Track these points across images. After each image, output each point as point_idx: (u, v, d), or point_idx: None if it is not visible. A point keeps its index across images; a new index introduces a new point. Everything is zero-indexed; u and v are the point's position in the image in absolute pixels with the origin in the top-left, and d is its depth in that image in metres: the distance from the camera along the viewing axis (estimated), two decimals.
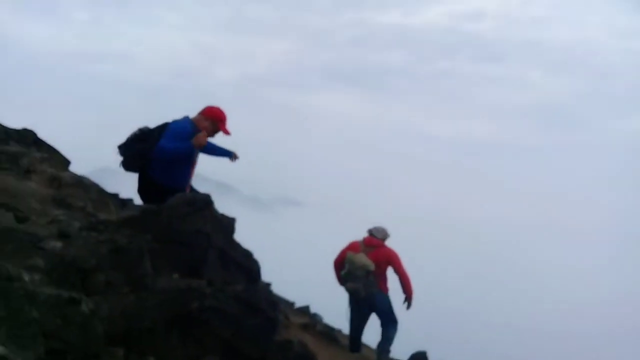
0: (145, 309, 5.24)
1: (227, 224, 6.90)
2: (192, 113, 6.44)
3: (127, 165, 6.28)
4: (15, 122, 13.02)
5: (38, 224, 6.52)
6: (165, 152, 5.93)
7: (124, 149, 6.21)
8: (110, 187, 13.26)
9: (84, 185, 10.81)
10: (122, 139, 6.37)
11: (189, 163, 6.44)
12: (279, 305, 6.93)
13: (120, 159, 6.33)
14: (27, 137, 12.91)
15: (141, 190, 6.45)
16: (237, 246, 7.04)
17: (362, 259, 7.67)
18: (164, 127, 6.20)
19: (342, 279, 8.03)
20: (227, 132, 6.44)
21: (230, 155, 6.56)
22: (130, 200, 12.76)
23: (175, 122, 6.21)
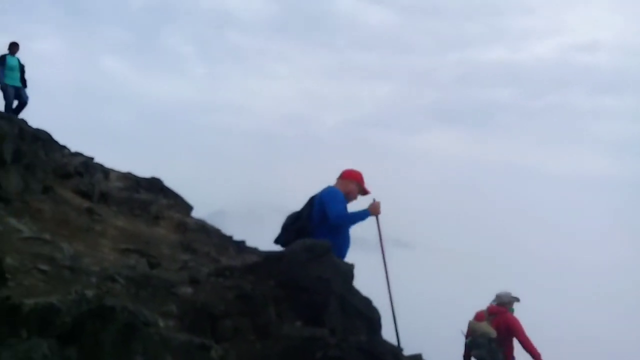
0: (271, 357, 5.25)
1: (346, 270, 6.84)
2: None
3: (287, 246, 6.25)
4: (143, 171, 14.02)
5: (169, 269, 6.86)
6: (343, 218, 5.83)
7: (283, 239, 6.22)
8: (225, 229, 13.81)
9: (206, 230, 11.34)
10: (277, 229, 6.31)
11: (347, 230, 6.30)
12: (403, 356, 6.69)
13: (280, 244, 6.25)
14: (155, 185, 13.83)
15: None
16: (356, 293, 6.94)
17: (484, 326, 7.73)
18: (310, 202, 6.17)
19: (467, 347, 7.97)
20: (367, 192, 6.35)
21: (368, 214, 6.25)
22: (243, 242, 13.19)
23: (324, 191, 6.08)
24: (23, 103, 12.69)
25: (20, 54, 13.08)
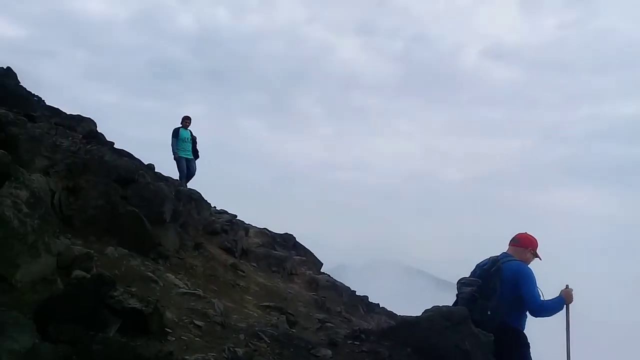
0: None
1: (486, 342, 6.63)
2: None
3: (482, 324, 5.94)
4: (276, 226, 14.72)
5: (307, 328, 7.09)
6: (544, 310, 5.75)
7: (484, 312, 5.91)
8: (351, 283, 14.01)
9: (337, 288, 11.57)
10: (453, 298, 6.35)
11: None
12: None
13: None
14: (288, 241, 14.42)
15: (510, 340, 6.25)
16: None
17: None
18: (497, 273, 5.87)
19: None
20: (540, 258, 6.27)
21: (563, 303, 6.10)
22: (366, 297, 13.21)
23: (514, 265, 5.98)
24: (191, 174, 13.67)
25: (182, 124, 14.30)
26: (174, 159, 13.46)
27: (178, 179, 13.18)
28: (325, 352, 5.87)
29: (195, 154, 14.00)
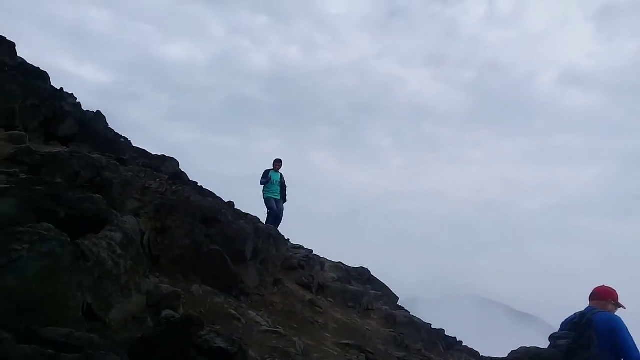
0: None
1: None
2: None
3: None
4: (350, 260, 14.69)
5: None
6: None
7: None
8: (421, 316, 13.70)
9: (414, 324, 11.35)
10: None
11: None
12: None
13: None
14: (363, 275, 14.36)
15: None
16: None
17: None
18: (588, 324, 5.76)
19: None
20: (623, 307, 6.22)
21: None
22: (454, 339, 12.82)
23: (607, 316, 6.01)
24: (279, 216, 13.30)
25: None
26: (264, 200, 13.41)
27: (266, 221, 13.24)
28: None
29: (284, 197, 13.80)
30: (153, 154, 11.85)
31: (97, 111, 12.33)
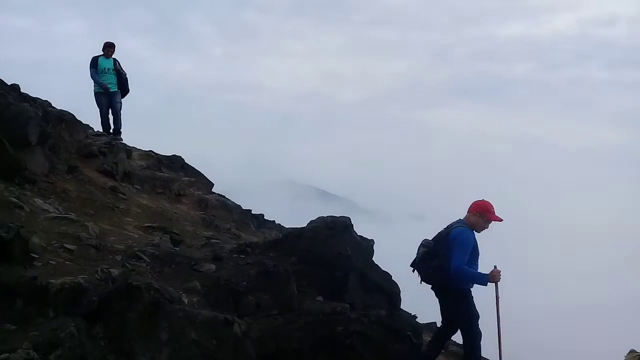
0: (293, 331, 5.36)
1: (367, 247, 6.90)
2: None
3: (427, 281, 6.30)
4: (165, 150, 14.14)
5: (192, 246, 6.98)
6: (462, 275, 5.99)
7: (419, 268, 6.27)
8: (245, 203, 13.97)
9: (227, 206, 11.44)
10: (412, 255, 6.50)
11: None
12: (422, 330, 6.77)
13: (418, 276, 6.32)
14: (176, 163, 13.95)
15: (438, 292, 6.40)
16: (376, 269, 7.01)
17: (627, 357, 8.19)
18: (445, 237, 6.19)
19: None
20: (498, 219, 6.56)
21: (487, 280, 6.52)
22: (262, 215, 13.30)
23: (456, 231, 6.17)
24: (115, 111, 11.89)
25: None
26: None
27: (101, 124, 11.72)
28: (209, 267, 5.83)
29: (124, 89, 11.98)
30: None
31: None
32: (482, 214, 6.35)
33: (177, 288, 5.21)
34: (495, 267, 6.18)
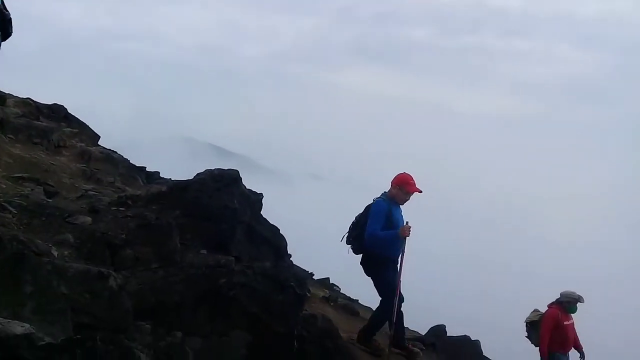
0: (174, 285, 5.23)
1: (255, 200, 6.85)
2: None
3: (355, 250, 6.70)
4: (48, 98, 13.12)
5: (68, 198, 6.56)
6: (374, 238, 6.40)
7: (347, 241, 6.69)
8: (137, 160, 13.36)
9: (112, 160, 10.87)
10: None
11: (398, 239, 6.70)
12: (307, 281, 6.87)
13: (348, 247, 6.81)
14: (58, 113, 13.00)
15: (363, 263, 6.81)
16: (264, 222, 7.00)
17: (531, 314, 8.74)
18: (366, 210, 6.64)
19: None
20: (418, 191, 6.69)
21: (397, 235, 6.74)
22: (157, 173, 12.85)
23: (373, 203, 6.62)
24: None
25: None
26: None
27: None
28: (84, 220, 5.50)
29: (5, 32, 10.42)
30: None
31: None
32: (400, 186, 6.69)
33: (46, 241, 4.88)
34: (407, 222, 6.48)
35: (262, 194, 6.92)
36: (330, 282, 14.80)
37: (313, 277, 14.68)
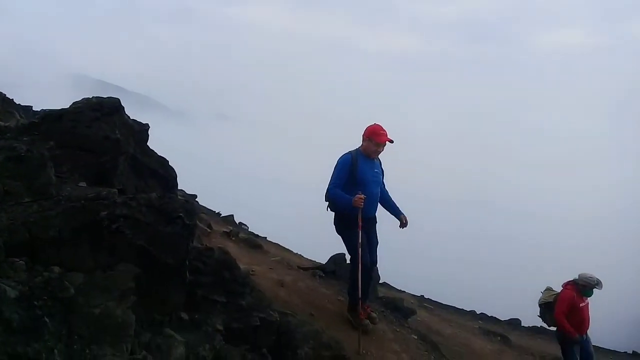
0: (50, 219, 4.93)
1: (140, 131, 6.54)
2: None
3: (330, 207, 6.70)
4: None
5: None
6: (332, 195, 6.36)
7: (326, 195, 6.62)
8: (22, 102, 12.48)
9: None
10: None
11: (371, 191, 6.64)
12: (196, 212, 6.75)
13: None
14: None
15: (335, 222, 6.79)
16: (151, 154, 6.73)
17: (544, 294, 8.68)
18: None
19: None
20: (389, 140, 6.30)
21: (399, 215, 6.79)
22: (42, 111, 12.02)
23: (339, 159, 6.53)
24: None
25: None
26: None
27: None
28: None
29: None
30: None
31: None
32: (370, 138, 6.56)
33: None
34: (360, 193, 6.37)
35: (147, 124, 6.62)
36: (236, 220, 14.76)
37: (219, 216, 14.56)
